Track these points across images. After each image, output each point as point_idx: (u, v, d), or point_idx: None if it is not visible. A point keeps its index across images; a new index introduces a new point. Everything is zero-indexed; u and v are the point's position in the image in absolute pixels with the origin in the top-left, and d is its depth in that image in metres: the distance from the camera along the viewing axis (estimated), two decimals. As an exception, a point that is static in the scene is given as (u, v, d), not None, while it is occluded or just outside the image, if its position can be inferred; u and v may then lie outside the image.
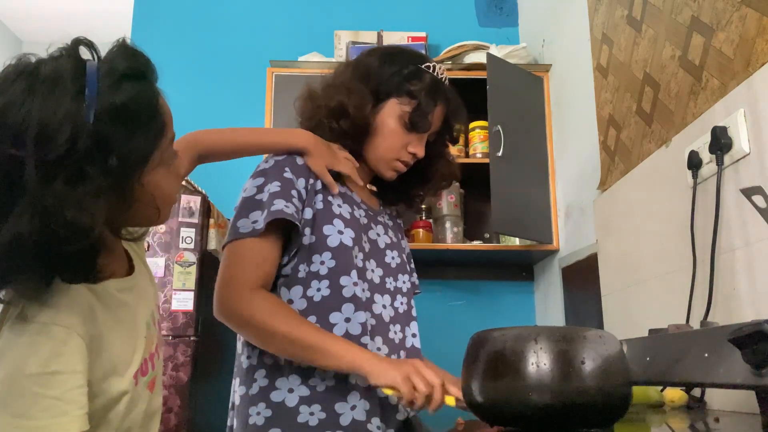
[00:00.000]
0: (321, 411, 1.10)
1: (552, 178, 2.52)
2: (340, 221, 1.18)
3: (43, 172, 0.67)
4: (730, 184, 1.26)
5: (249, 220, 1.13)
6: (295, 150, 1.21)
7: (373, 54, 1.30)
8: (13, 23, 4.58)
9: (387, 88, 1.25)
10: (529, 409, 0.73)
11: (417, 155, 1.27)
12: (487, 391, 0.78)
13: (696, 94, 1.45)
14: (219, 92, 3.01)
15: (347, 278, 1.15)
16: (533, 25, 2.95)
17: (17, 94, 0.69)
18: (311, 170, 1.20)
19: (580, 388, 0.73)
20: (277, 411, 1.10)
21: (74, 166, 0.68)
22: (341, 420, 1.10)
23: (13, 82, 0.71)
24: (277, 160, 1.19)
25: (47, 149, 0.67)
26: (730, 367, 0.72)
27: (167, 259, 2.20)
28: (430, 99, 1.25)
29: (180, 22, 3.14)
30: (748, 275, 1.20)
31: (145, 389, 0.91)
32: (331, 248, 1.15)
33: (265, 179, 1.17)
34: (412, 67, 1.26)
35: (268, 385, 1.12)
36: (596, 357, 0.74)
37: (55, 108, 0.69)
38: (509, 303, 2.81)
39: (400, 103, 1.25)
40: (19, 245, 0.67)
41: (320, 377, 1.11)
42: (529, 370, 0.73)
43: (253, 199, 1.15)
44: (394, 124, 1.25)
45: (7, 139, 0.68)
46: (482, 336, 0.82)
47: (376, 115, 1.25)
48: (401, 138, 1.25)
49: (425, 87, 1.25)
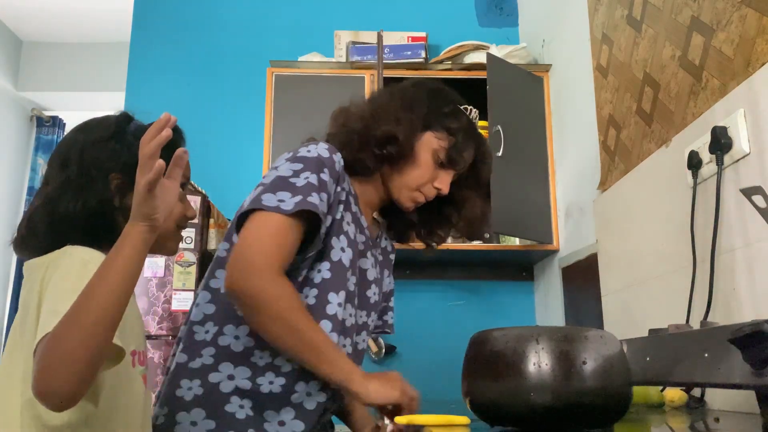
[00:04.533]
0: (251, 408, 1.09)
1: (552, 178, 2.52)
2: (345, 238, 1.18)
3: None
4: (730, 184, 1.26)
5: (275, 197, 1.09)
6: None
7: (419, 87, 1.32)
8: (13, 23, 4.58)
9: (427, 121, 1.27)
10: (530, 409, 0.73)
11: (441, 191, 1.28)
12: (487, 391, 0.78)
13: (696, 94, 1.45)
14: (219, 92, 3.01)
15: (335, 296, 1.14)
16: (533, 25, 2.95)
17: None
18: (342, 177, 1.20)
19: (580, 388, 0.73)
20: (209, 392, 1.09)
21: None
22: (266, 427, 1.09)
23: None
24: (321, 156, 1.16)
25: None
26: (730, 367, 0.72)
27: (167, 259, 2.20)
28: (467, 138, 1.28)
29: (180, 22, 3.14)
30: (748, 275, 1.20)
31: (140, 379, 0.98)
32: (332, 261, 1.15)
33: (303, 166, 1.14)
34: (452, 106, 1.30)
35: (211, 365, 1.11)
36: (597, 357, 0.74)
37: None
38: (509, 303, 2.82)
39: (437, 137, 1.26)
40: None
41: (269, 379, 1.10)
42: (530, 370, 0.73)
43: (287, 181, 1.11)
44: (426, 157, 1.26)
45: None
46: (483, 336, 0.82)
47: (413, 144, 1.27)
48: (430, 171, 1.26)
49: (463, 126, 1.28)
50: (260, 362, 1.11)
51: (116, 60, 4.12)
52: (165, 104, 2.90)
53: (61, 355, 0.74)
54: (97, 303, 0.75)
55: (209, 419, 1.09)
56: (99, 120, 1.04)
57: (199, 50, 3.10)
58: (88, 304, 0.75)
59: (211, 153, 2.79)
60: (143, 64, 3.09)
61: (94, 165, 0.97)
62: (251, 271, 1.04)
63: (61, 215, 0.94)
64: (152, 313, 2.28)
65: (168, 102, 2.95)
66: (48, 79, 4.71)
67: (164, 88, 3.03)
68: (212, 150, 2.83)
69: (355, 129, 1.25)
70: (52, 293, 0.84)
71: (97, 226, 0.95)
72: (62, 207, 0.94)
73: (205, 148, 2.67)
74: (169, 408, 1.10)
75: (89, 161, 0.97)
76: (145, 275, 2.35)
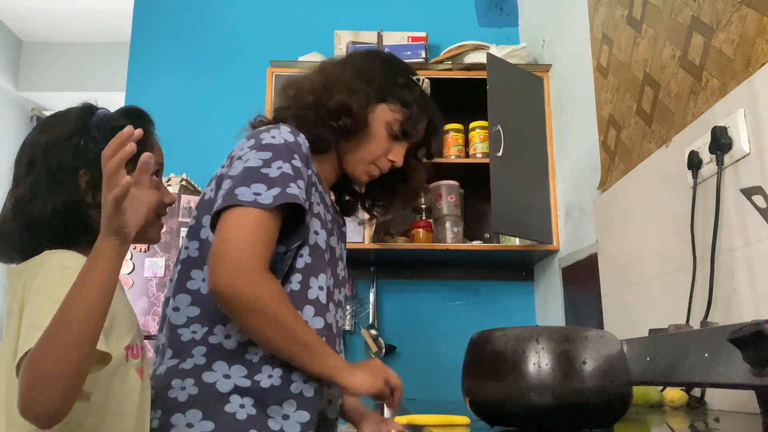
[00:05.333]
0: (252, 406, 1.06)
1: (552, 178, 2.52)
2: (318, 221, 1.16)
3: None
4: (730, 184, 1.26)
5: (250, 190, 1.05)
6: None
7: (372, 57, 1.31)
8: (13, 23, 4.58)
9: (380, 92, 1.24)
10: (530, 409, 0.73)
11: (396, 164, 1.27)
12: (487, 391, 0.78)
13: (696, 94, 1.45)
14: (219, 92, 3.01)
15: (315, 280, 1.13)
16: (533, 25, 2.95)
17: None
18: (308, 156, 1.16)
19: (580, 388, 0.73)
20: (204, 392, 1.05)
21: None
22: (270, 424, 1.06)
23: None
24: (287, 141, 1.13)
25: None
26: (730, 367, 0.72)
27: (167, 259, 2.20)
28: (421, 110, 1.26)
29: (180, 22, 3.14)
30: (748, 275, 1.20)
31: (134, 372, 0.97)
32: (310, 245, 1.13)
33: (273, 155, 1.10)
34: (406, 77, 1.28)
35: (204, 364, 1.07)
36: (597, 357, 0.74)
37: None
38: (509, 303, 2.82)
39: (390, 109, 1.25)
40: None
41: (267, 374, 1.07)
42: (530, 370, 0.73)
43: (259, 172, 1.07)
44: (380, 129, 1.24)
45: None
46: (483, 336, 0.82)
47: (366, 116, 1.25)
48: (384, 144, 1.25)
49: (417, 98, 1.26)
50: (255, 358, 1.08)
51: (116, 60, 4.12)
52: (165, 104, 2.90)
53: (41, 375, 0.73)
54: (74, 322, 0.74)
55: (206, 420, 1.04)
56: (59, 116, 1.02)
57: (199, 50, 3.10)
58: (65, 324, 0.75)
59: (210, 153, 2.79)
60: (143, 64, 3.09)
61: (59, 165, 0.95)
62: (238, 272, 1.01)
63: (34, 219, 0.93)
64: (152, 313, 2.28)
65: (168, 102, 2.95)
66: (48, 79, 4.72)
67: (164, 88, 3.03)
68: (212, 150, 2.82)
69: (307, 102, 1.21)
70: (32, 305, 0.83)
71: (72, 227, 0.94)
72: (34, 211, 0.93)
73: (204, 148, 2.67)
74: (162, 410, 1.05)
75: (54, 161, 0.95)
76: (145, 275, 2.35)
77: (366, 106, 1.22)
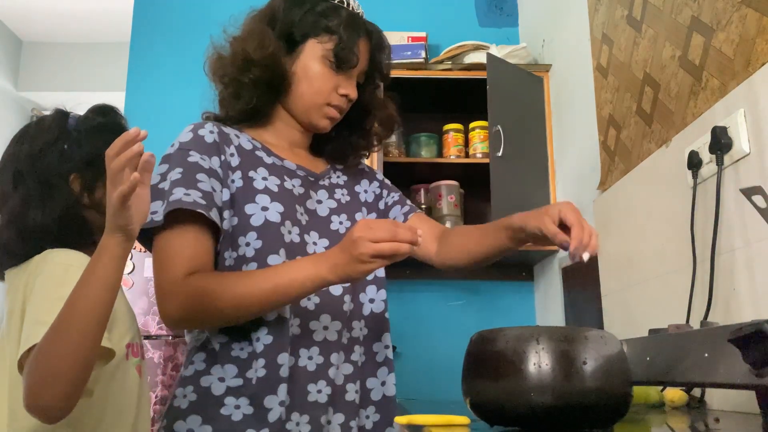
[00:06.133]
0: (249, 405, 1.04)
1: (552, 178, 2.52)
2: (265, 196, 1.10)
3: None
4: (730, 184, 1.26)
5: (150, 212, 1.01)
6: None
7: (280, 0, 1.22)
8: (13, 23, 4.58)
9: (301, 30, 1.17)
10: (530, 409, 0.73)
11: (349, 97, 1.18)
12: (487, 391, 0.78)
13: (696, 94, 1.45)
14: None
15: (275, 257, 1.07)
16: (533, 25, 2.95)
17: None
18: (225, 144, 1.11)
19: (581, 388, 0.73)
20: (203, 397, 1.05)
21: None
22: (270, 416, 1.04)
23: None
24: (181, 143, 1.09)
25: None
26: (730, 367, 0.72)
27: (167, 259, 2.19)
28: (351, 32, 1.16)
29: (180, 22, 3.14)
30: (748, 275, 1.20)
31: (134, 369, 1.00)
32: (255, 227, 1.07)
33: (169, 166, 1.07)
34: (324, 4, 1.18)
35: (203, 369, 1.07)
36: (598, 357, 0.74)
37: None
38: (509, 303, 2.82)
39: (319, 42, 1.16)
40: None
41: (255, 367, 1.05)
42: (530, 370, 0.73)
43: (156, 188, 1.04)
44: (318, 66, 1.16)
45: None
46: (483, 336, 0.82)
47: (294, 61, 1.17)
48: (329, 80, 1.16)
49: (343, 21, 1.16)
50: (242, 354, 1.07)
51: (116, 60, 4.12)
52: (165, 104, 2.90)
53: (47, 371, 0.74)
54: (80, 317, 0.75)
55: (205, 425, 1.04)
56: (35, 126, 1.03)
57: (199, 50, 3.08)
58: (71, 320, 0.75)
59: (211, 153, 2.79)
60: (143, 64, 3.09)
61: (49, 172, 0.96)
62: (165, 301, 1.00)
63: (31, 228, 0.93)
64: (152, 313, 2.28)
65: (168, 102, 2.95)
66: (48, 79, 4.72)
67: (164, 88, 3.03)
68: (212, 150, 2.83)
69: (234, 77, 1.17)
70: (35, 302, 0.83)
71: (70, 230, 0.94)
72: (30, 221, 0.93)
73: (205, 148, 2.67)
74: (167, 420, 1.06)
75: (43, 170, 0.96)
76: (146, 275, 2.35)
77: (267, 45, 1.14)
